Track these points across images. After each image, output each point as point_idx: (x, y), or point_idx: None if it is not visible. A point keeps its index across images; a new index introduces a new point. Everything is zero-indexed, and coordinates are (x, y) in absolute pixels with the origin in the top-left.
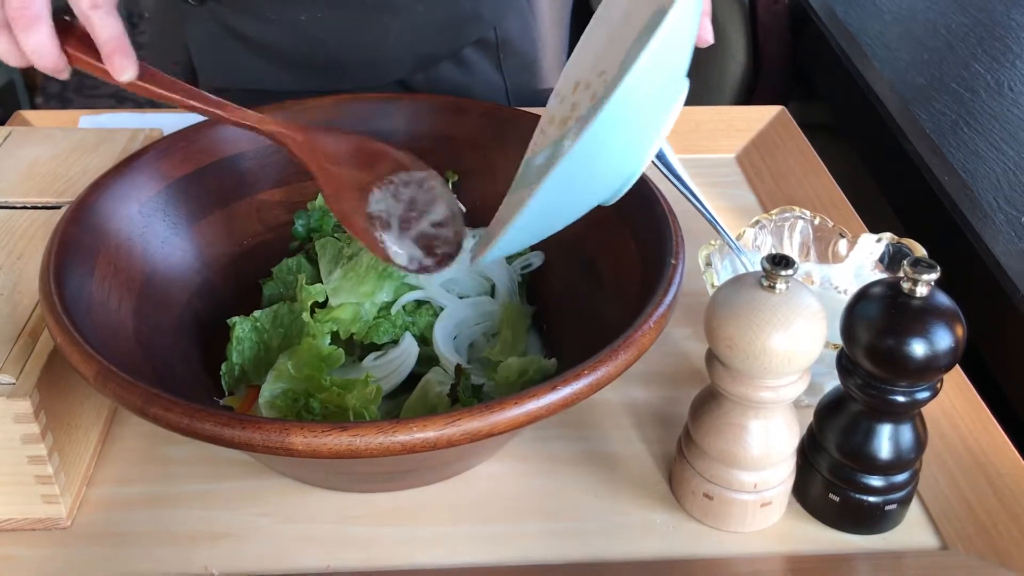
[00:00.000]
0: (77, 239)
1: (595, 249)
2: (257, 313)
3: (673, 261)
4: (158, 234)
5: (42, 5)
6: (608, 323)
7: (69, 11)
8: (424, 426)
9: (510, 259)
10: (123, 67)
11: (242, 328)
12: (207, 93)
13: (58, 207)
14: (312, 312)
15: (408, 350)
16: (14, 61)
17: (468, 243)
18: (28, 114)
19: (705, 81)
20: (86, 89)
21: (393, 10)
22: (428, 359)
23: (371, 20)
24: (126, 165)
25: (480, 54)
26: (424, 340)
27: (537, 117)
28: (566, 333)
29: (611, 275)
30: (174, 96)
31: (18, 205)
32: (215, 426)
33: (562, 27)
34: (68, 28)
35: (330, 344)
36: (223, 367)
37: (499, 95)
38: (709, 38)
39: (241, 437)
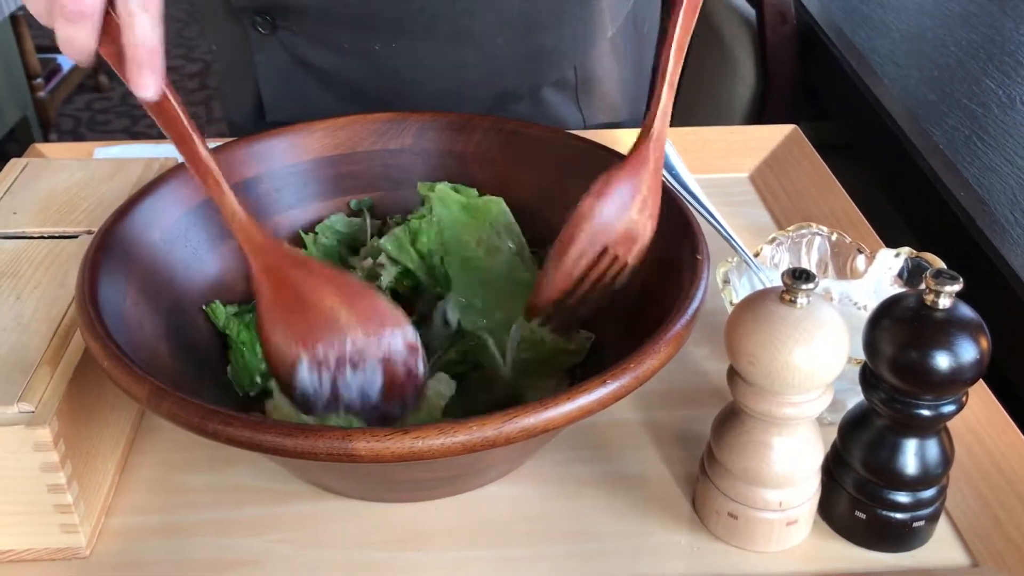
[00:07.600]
0: (107, 266)
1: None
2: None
3: (700, 256)
4: (181, 259)
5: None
6: (643, 325)
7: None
8: (482, 425)
9: None
10: (145, 84)
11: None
12: (209, 159)
13: (75, 237)
14: None
15: None
16: (45, 20)
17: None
18: (43, 147)
19: (715, 103)
20: (98, 125)
21: (472, 41)
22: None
23: (448, 52)
24: (146, 193)
25: (559, 94)
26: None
27: (543, 128)
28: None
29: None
30: (170, 135)
31: (35, 235)
32: (277, 436)
33: (642, 68)
34: (108, 22)
35: None
36: (227, 370)
37: None
38: None
39: (304, 446)
